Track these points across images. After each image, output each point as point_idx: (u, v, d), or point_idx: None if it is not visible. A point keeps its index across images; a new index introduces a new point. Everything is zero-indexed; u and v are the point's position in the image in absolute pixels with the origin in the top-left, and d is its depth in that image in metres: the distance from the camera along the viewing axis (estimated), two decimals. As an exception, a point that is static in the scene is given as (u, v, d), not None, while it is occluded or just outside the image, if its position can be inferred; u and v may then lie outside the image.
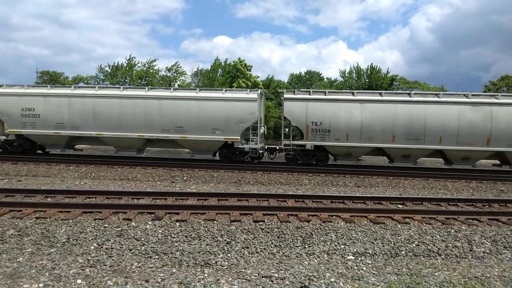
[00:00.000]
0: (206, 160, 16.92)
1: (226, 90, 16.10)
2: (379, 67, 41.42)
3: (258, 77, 42.61)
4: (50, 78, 44.04)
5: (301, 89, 16.41)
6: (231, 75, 40.75)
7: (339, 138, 14.81)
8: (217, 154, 16.35)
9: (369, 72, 41.71)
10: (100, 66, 41.99)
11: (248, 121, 15.19)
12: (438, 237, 6.36)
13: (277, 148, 16.68)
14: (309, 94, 15.46)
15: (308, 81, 54.19)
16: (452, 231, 6.65)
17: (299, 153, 15.43)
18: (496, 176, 14.30)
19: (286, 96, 15.37)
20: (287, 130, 15.42)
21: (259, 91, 15.87)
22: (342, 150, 15.18)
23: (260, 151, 15.87)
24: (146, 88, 17.11)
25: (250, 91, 15.98)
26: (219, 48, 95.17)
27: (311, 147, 15.11)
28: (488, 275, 5.00)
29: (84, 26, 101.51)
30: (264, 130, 17.08)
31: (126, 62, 41.20)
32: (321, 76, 57.06)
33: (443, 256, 5.72)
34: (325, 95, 15.48)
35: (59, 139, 16.26)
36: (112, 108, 15.73)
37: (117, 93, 16.00)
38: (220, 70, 43.14)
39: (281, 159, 16.65)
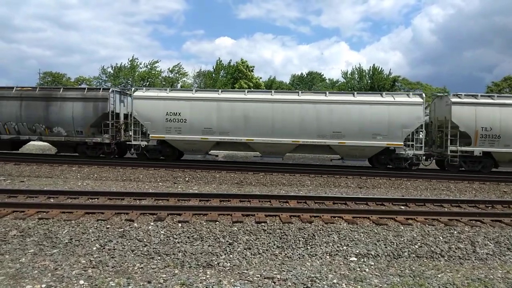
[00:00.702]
0: (208, 161, 16.94)
1: (385, 94, 15.54)
2: (381, 68, 41.37)
3: (260, 78, 42.65)
4: (53, 79, 44.17)
5: (468, 93, 15.54)
6: (233, 76, 40.78)
7: (509, 144, 14.50)
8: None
9: (371, 73, 41.64)
10: (103, 67, 42.11)
11: (412, 126, 14.65)
12: (441, 238, 6.33)
13: (431, 154, 16.26)
14: (477, 98, 15.00)
15: (310, 82, 54.14)
16: (455, 232, 6.63)
17: (463, 160, 15.04)
18: (499, 177, 14.24)
19: (453, 100, 14.84)
20: (452, 135, 14.90)
21: (422, 95, 15.38)
22: (510, 156, 14.81)
23: (421, 158, 15.49)
24: (299, 92, 16.29)
25: (411, 94, 15.58)
26: (221, 49, 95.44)
27: (480, 153, 14.73)
28: (492, 276, 4.98)
29: (87, 27, 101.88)
30: (424, 136, 16.35)
31: (129, 63, 41.31)
32: (323, 77, 57.03)
33: (446, 258, 5.70)
34: (493, 99, 15.01)
35: (205, 144, 15.62)
36: (265, 113, 15.05)
37: (269, 97, 15.35)
38: (222, 71, 43.16)
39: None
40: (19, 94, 16.62)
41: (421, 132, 15.36)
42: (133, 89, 16.75)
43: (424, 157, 15.91)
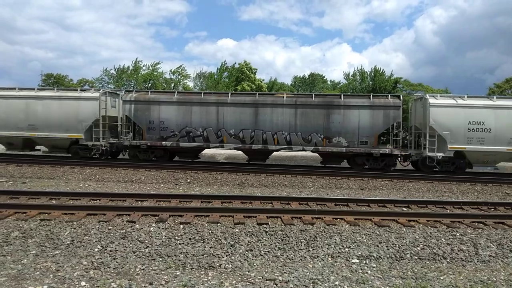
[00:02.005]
0: (209, 162, 16.95)
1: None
2: (383, 70, 41.33)
3: (263, 80, 42.76)
4: (55, 81, 44.31)
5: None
6: (236, 78, 40.87)
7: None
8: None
9: (372, 74, 41.61)
10: (106, 69, 42.24)
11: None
12: (444, 240, 6.31)
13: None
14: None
15: (311, 83, 54.14)
16: (458, 234, 6.60)
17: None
18: (501, 179, 14.19)
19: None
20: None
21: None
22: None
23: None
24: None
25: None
26: (223, 51, 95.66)
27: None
28: (494, 279, 4.95)
29: (89, 29, 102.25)
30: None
31: (132, 65, 41.44)
32: (324, 78, 57.05)
33: (448, 260, 5.67)
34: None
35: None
36: None
37: None
38: (225, 73, 43.27)
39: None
40: (293, 102, 15.65)
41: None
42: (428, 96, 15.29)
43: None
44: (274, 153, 16.67)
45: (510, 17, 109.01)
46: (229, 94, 16.59)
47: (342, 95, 16.26)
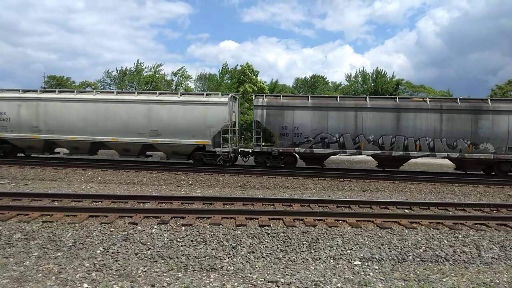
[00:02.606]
0: (211, 164, 16.93)
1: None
2: (385, 71, 41.34)
3: (265, 82, 42.81)
4: (57, 83, 44.47)
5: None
6: (238, 79, 40.96)
7: None
8: None
9: (374, 76, 41.61)
10: (108, 71, 42.41)
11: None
12: (446, 242, 6.29)
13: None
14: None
15: (313, 85, 54.16)
16: (460, 236, 6.58)
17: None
18: (504, 181, 14.15)
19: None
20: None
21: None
22: None
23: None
24: None
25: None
26: (225, 53, 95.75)
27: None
28: (497, 281, 4.93)
29: (92, 31, 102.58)
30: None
31: (134, 67, 41.60)
32: (326, 80, 57.06)
33: (451, 262, 5.65)
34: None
35: None
36: None
37: None
38: (228, 75, 43.39)
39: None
40: (439, 106, 15.17)
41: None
42: None
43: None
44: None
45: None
46: (367, 98, 16.06)
47: (489, 100, 15.69)
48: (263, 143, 16.29)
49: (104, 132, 16.13)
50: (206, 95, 16.70)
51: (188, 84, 43.90)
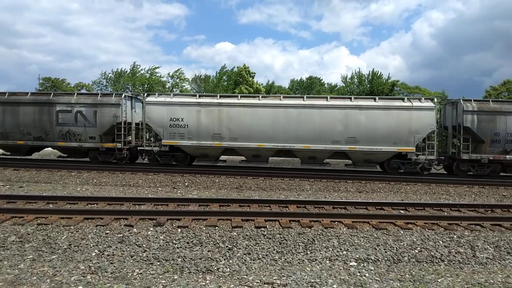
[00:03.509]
0: (207, 166, 16.93)
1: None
2: (381, 73, 41.51)
3: (261, 84, 42.90)
4: (52, 85, 44.27)
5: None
6: (234, 81, 41.02)
7: None
8: None
9: (370, 77, 41.78)
10: (105, 72, 42.33)
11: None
12: (441, 243, 6.32)
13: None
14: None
15: (309, 86, 54.29)
16: (455, 236, 6.62)
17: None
18: (498, 181, 14.24)
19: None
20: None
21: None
22: None
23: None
24: None
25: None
26: (221, 54, 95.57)
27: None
28: (492, 281, 4.97)
29: (88, 33, 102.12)
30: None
31: (130, 69, 41.57)
32: (322, 81, 57.21)
33: (446, 262, 5.69)
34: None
35: None
36: None
37: None
38: (224, 76, 43.46)
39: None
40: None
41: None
42: None
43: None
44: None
45: (508, 20, 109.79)
46: None
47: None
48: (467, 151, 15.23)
49: (294, 139, 15.14)
50: (408, 99, 15.69)
51: (184, 86, 43.85)
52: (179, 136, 15.52)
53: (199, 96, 16.34)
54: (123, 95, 16.27)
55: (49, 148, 18.23)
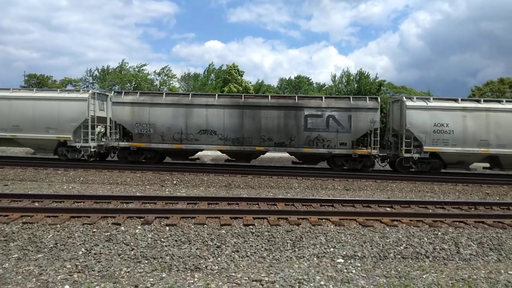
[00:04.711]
0: (195, 164, 16.88)
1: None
2: (368, 73, 41.90)
3: (250, 82, 42.90)
4: (38, 82, 43.46)
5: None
6: (222, 79, 40.93)
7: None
8: None
9: (358, 77, 42.15)
10: (90, 70, 41.76)
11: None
12: (426, 239, 6.45)
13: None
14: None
15: (297, 85, 54.52)
16: (439, 233, 6.75)
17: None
18: (481, 179, 14.56)
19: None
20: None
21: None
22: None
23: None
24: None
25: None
26: (211, 53, 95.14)
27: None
28: (475, 276, 5.09)
29: (76, 30, 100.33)
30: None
31: (118, 66, 41.11)
32: (310, 81, 57.52)
33: (430, 259, 5.80)
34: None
35: None
36: None
37: None
38: (213, 75, 43.35)
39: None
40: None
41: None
42: None
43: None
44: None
45: (494, 22, 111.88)
46: None
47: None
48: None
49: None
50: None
51: (172, 83, 43.56)
52: (444, 143, 15.28)
53: (460, 100, 15.78)
54: (378, 99, 15.92)
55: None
